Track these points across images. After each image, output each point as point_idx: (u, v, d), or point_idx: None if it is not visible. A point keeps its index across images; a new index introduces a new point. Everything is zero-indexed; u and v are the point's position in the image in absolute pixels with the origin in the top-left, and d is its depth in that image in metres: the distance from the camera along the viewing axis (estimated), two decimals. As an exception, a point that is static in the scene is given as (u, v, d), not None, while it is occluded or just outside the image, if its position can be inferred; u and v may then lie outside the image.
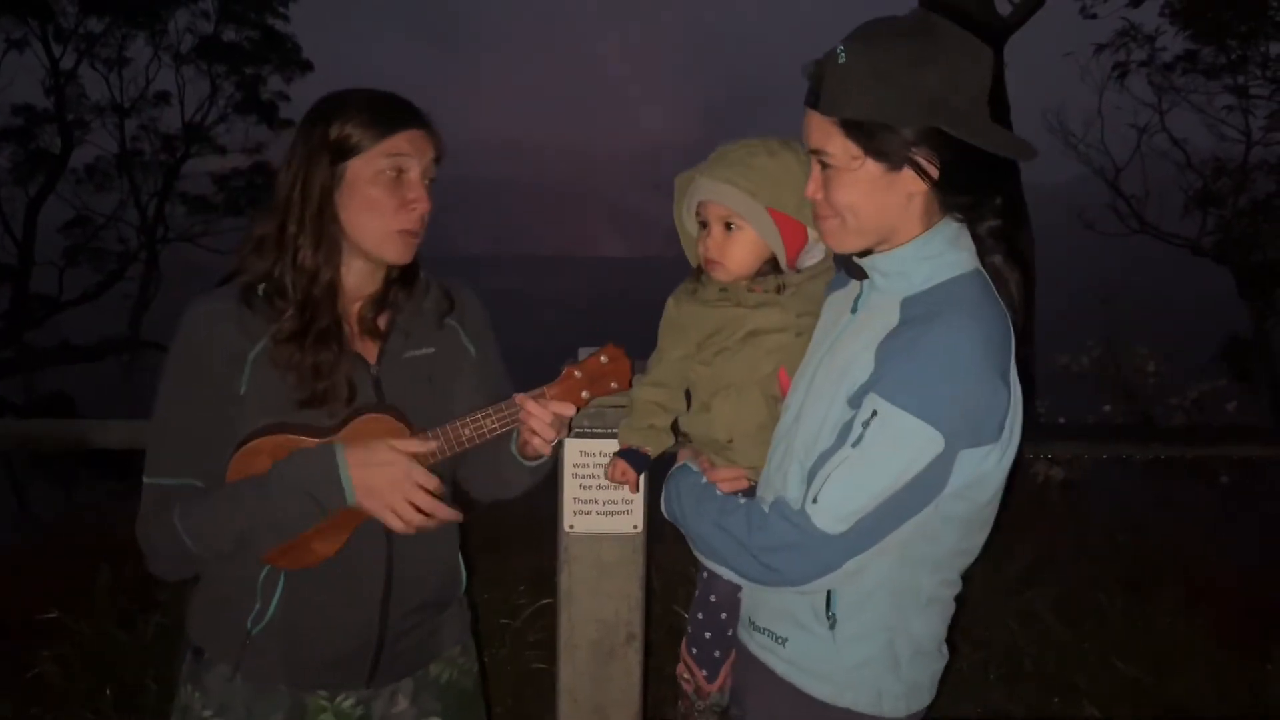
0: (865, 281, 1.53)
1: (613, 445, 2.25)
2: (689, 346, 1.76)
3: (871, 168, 1.42)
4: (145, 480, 1.62)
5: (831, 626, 1.51)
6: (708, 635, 1.84)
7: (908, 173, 1.41)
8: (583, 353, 1.78)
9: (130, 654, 3.33)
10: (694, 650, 1.87)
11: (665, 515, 1.72)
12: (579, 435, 2.27)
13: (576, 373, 1.69)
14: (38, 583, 3.69)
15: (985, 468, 1.41)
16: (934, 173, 1.40)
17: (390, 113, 1.61)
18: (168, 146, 17.14)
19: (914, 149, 1.39)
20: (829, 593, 1.49)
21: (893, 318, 1.44)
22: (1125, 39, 12.13)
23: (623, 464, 1.82)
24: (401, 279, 1.71)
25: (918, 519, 1.41)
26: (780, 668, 1.58)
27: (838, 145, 1.43)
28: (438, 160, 1.66)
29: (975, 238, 1.50)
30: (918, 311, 1.42)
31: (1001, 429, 1.40)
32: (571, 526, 2.32)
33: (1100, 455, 3.89)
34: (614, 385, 1.71)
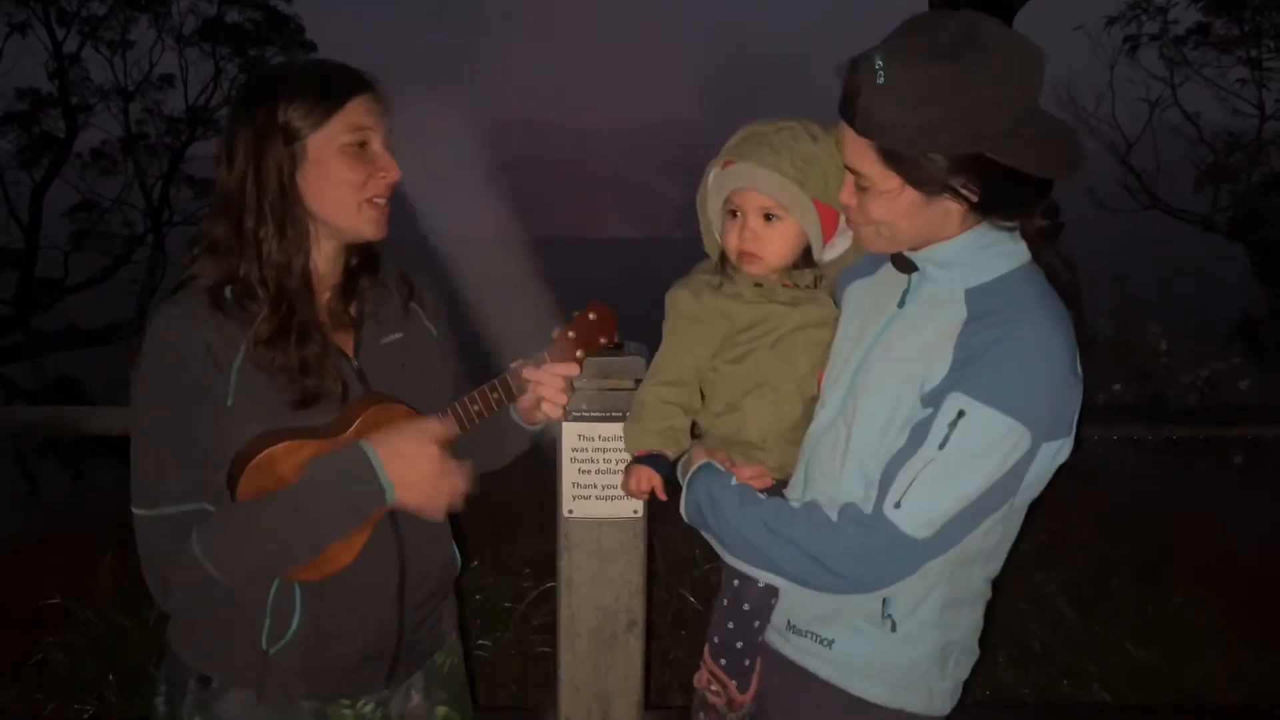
0: (914, 274, 1.47)
1: (612, 429, 2.22)
2: (712, 343, 1.66)
3: (910, 194, 1.37)
4: (143, 513, 1.47)
5: (891, 629, 1.48)
6: (739, 645, 1.71)
7: (947, 198, 1.36)
8: (573, 315, 1.75)
9: (134, 640, 3.33)
10: (723, 661, 1.73)
11: (686, 519, 1.64)
12: (577, 419, 2.23)
13: (570, 333, 1.68)
14: (41, 569, 3.69)
15: (1055, 462, 1.41)
16: (974, 198, 1.36)
17: (337, 82, 1.52)
18: (172, 129, 17.07)
19: (954, 177, 1.33)
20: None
21: (958, 311, 1.39)
22: (1137, 11, 12.01)
23: (645, 471, 1.68)
24: (365, 264, 1.66)
25: (995, 517, 1.39)
26: (825, 671, 1.54)
27: (874, 169, 1.37)
28: (390, 130, 1.58)
29: (1024, 237, 1.45)
30: (990, 305, 1.38)
31: (1074, 421, 1.40)
32: (570, 512, 2.29)
33: (1112, 436, 3.84)
34: (603, 340, 1.71)
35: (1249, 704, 3.27)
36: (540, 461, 2.23)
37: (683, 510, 1.64)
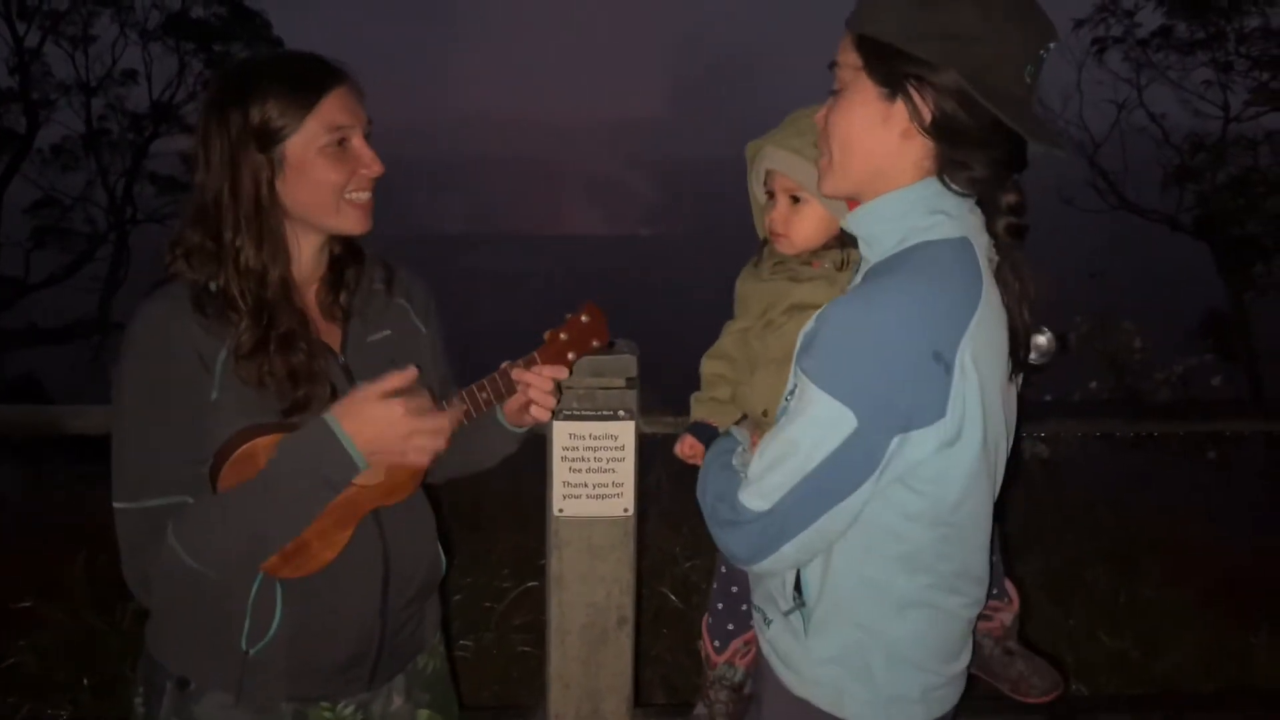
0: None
1: (602, 428, 2.23)
2: (750, 320, 1.74)
3: (866, 84, 1.32)
4: (124, 506, 1.46)
5: (795, 611, 1.45)
6: (719, 606, 1.82)
7: (901, 105, 1.30)
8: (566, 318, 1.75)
9: (108, 642, 3.28)
10: (710, 620, 1.85)
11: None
12: (568, 418, 2.22)
13: (562, 335, 1.66)
14: (11, 572, 3.61)
15: (925, 455, 1.29)
16: (927, 114, 1.29)
17: (309, 77, 1.48)
18: (135, 125, 16.84)
19: (915, 81, 1.28)
20: (798, 578, 1.44)
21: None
22: (1104, 14, 12.17)
23: (690, 439, 1.77)
24: (349, 256, 1.64)
25: (848, 506, 1.31)
26: (764, 648, 1.55)
27: (848, 59, 1.34)
28: (370, 120, 1.55)
29: (990, 233, 1.37)
30: (865, 281, 1.35)
31: (942, 413, 1.27)
32: (561, 510, 2.28)
33: (1090, 432, 3.89)
34: (595, 343, 1.69)
35: (1221, 691, 3.33)
36: (518, 459, 2.22)
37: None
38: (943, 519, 1.37)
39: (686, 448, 1.78)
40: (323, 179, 1.48)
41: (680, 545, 3.89)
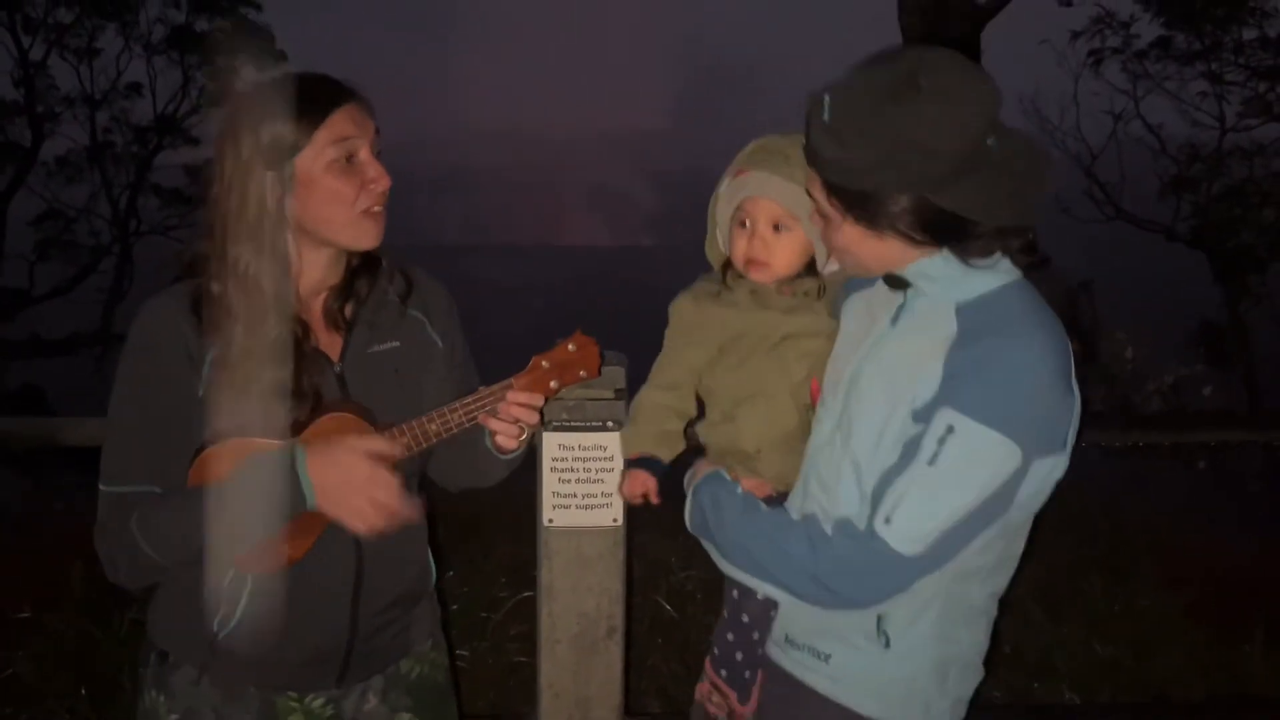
0: (909, 291, 1.46)
1: (592, 439, 2.24)
2: (709, 350, 1.69)
3: (852, 225, 1.39)
4: (102, 488, 1.55)
5: (885, 644, 1.47)
6: (739, 656, 1.72)
7: (892, 236, 1.37)
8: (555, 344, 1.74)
9: (106, 651, 3.30)
10: (723, 672, 1.74)
11: (690, 526, 1.64)
12: (557, 429, 2.24)
13: (544, 362, 1.63)
14: (10, 581, 3.64)
15: (1052, 478, 1.39)
16: (918, 238, 1.36)
17: (318, 95, 1.52)
18: (140, 138, 16.90)
19: (894, 216, 1.35)
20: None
21: (949, 327, 1.39)
22: (1101, 26, 12.22)
23: (639, 475, 1.71)
24: (364, 267, 1.66)
25: (988, 533, 1.38)
26: (823, 685, 1.54)
27: (823, 200, 1.41)
28: (378, 131, 1.58)
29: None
30: (980, 320, 1.37)
31: (1068, 437, 1.38)
32: (551, 521, 2.30)
33: (1079, 443, 3.88)
34: (583, 374, 1.65)
35: (1213, 698, 3.34)
36: (516, 469, 2.25)
37: (687, 516, 1.64)
38: (1021, 526, 1.46)
39: (639, 485, 1.71)
40: (332, 193, 1.52)
41: (676, 555, 3.90)
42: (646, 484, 1.71)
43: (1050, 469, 1.38)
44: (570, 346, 1.64)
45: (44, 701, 3.14)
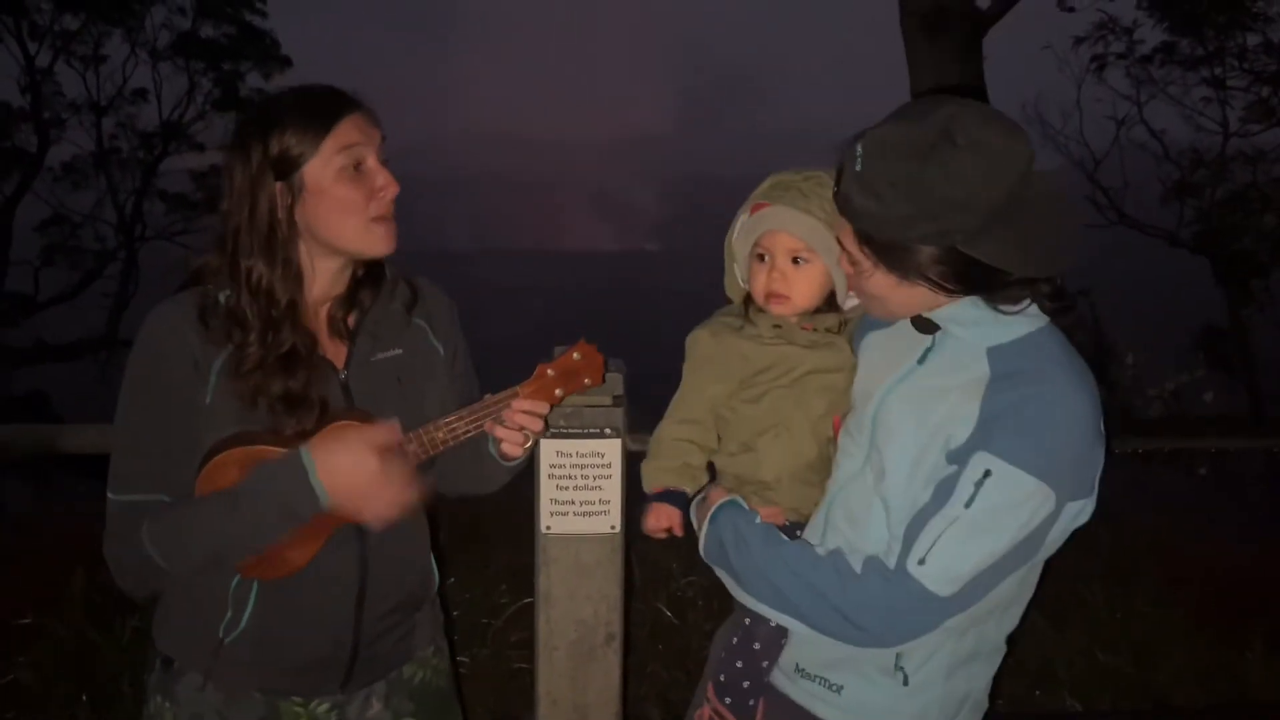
0: (938, 334, 1.47)
1: (590, 445, 2.25)
2: (730, 384, 1.69)
3: (886, 277, 1.40)
4: (110, 496, 1.55)
5: (903, 681, 1.48)
6: (746, 684, 1.71)
7: (921, 284, 1.38)
8: (557, 351, 1.74)
9: (107, 657, 3.30)
10: (728, 700, 1.72)
11: (704, 556, 1.63)
12: (555, 436, 2.25)
13: (550, 371, 1.65)
14: (12, 587, 3.65)
15: (1078, 520, 1.40)
16: (950, 287, 1.37)
17: (324, 106, 1.54)
18: (145, 144, 16.97)
19: (925, 266, 1.36)
20: None
21: (980, 369, 1.39)
22: (1103, 31, 12.23)
23: (664, 509, 1.71)
24: (369, 277, 1.68)
25: (1018, 574, 1.40)
26: (833, 715, 1.55)
27: (854, 248, 1.42)
28: (384, 138, 1.61)
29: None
30: (1014, 364, 1.38)
31: (1095, 486, 1.39)
32: (549, 528, 2.31)
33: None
34: (587, 381, 1.67)
35: (1215, 706, 3.34)
36: (519, 476, 2.25)
37: (702, 547, 1.63)
38: (1033, 567, 1.46)
39: (664, 519, 1.71)
40: (342, 201, 1.53)
41: (677, 561, 3.90)
42: (671, 518, 1.71)
43: (1079, 511, 1.39)
44: (575, 355, 1.67)
45: (45, 707, 3.15)
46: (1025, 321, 1.41)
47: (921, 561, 1.35)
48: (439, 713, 1.84)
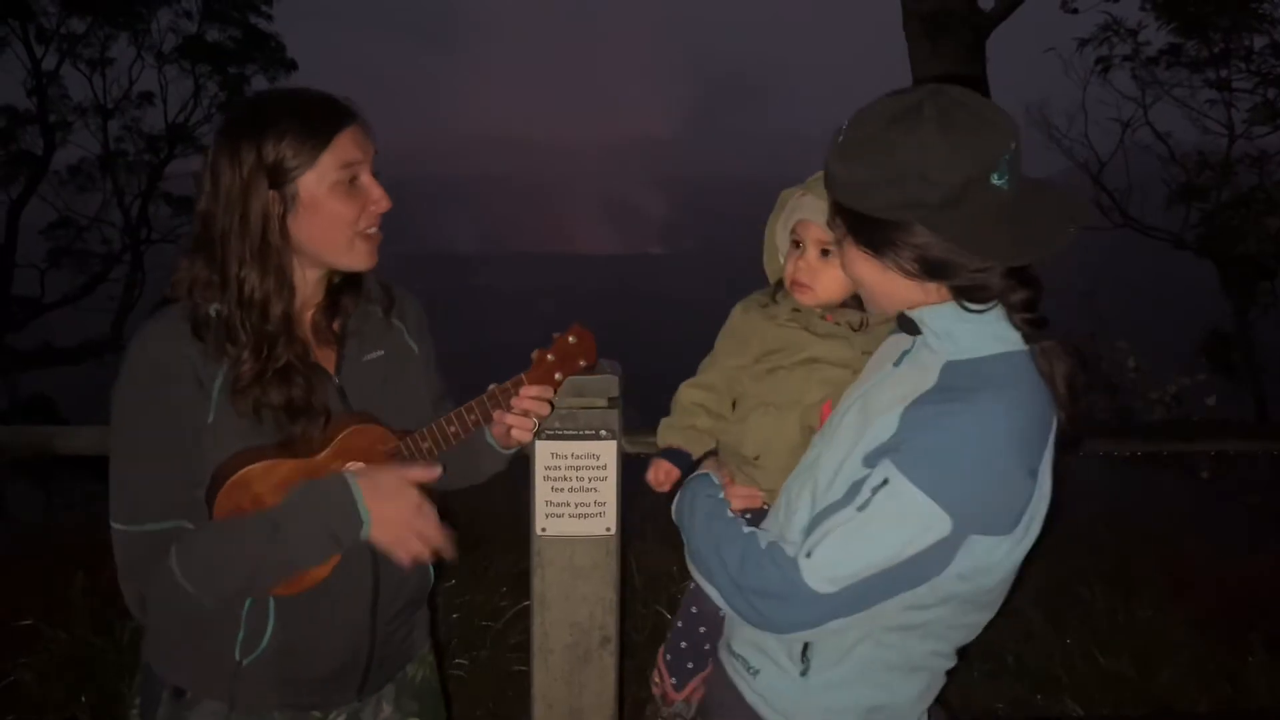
0: (919, 337, 1.45)
1: (585, 447, 2.25)
2: (745, 358, 1.76)
3: (859, 253, 1.40)
4: (122, 528, 1.49)
5: (804, 672, 1.48)
6: (683, 645, 1.81)
7: (891, 262, 1.36)
8: (555, 338, 1.79)
9: (107, 661, 3.31)
10: (669, 656, 1.84)
11: (674, 519, 1.68)
12: (550, 437, 2.24)
13: (549, 356, 1.71)
14: (12, 590, 3.65)
15: (994, 558, 1.34)
16: (913, 267, 1.34)
17: (322, 117, 1.50)
18: (151, 147, 17.03)
19: (893, 245, 1.34)
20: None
21: (930, 379, 1.37)
22: (1107, 33, 12.19)
23: (664, 465, 1.79)
24: (348, 283, 1.67)
25: (912, 595, 1.36)
26: (750, 697, 1.56)
27: (834, 222, 1.43)
28: (376, 151, 1.58)
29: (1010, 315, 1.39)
30: (957, 382, 1.35)
31: (1018, 522, 1.33)
32: (543, 530, 2.30)
33: (1079, 453, 3.88)
34: (582, 363, 1.73)
35: (1217, 711, 3.32)
36: (517, 478, 2.25)
37: (673, 509, 1.69)
38: (973, 600, 1.42)
39: (661, 474, 1.79)
40: (334, 215, 1.51)
41: (677, 564, 3.90)
42: (670, 475, 1.78)
43: (999, 548, 1.34)
44: (570, 339, 1.73)
45: (45, 710, 3.16)
46: (996, 344, 1.37)
47: (809, 554, 1.35)
48: (435, 709, 1.87)
